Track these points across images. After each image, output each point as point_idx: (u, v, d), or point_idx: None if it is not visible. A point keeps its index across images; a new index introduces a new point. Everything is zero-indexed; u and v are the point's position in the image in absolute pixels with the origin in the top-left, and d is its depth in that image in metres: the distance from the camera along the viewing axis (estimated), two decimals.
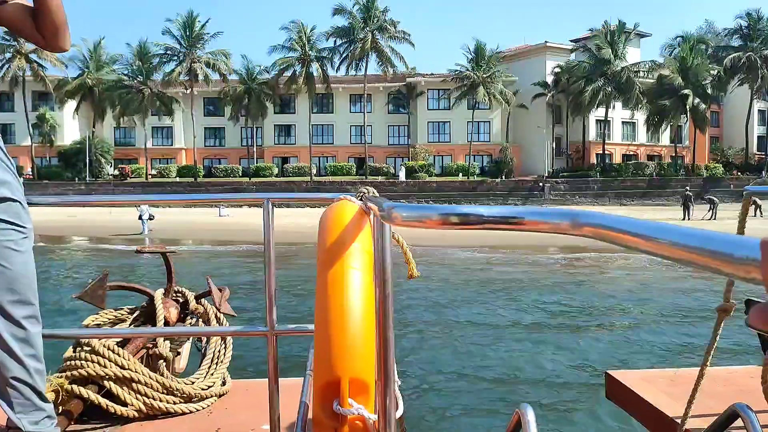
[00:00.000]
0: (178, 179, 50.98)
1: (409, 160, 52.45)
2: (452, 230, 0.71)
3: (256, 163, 53.51)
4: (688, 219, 32.09)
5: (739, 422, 1.67)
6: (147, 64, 50.79)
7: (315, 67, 50.56)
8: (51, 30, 1.76)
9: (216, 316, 2.59)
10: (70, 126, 53.47)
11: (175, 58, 50.45)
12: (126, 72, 51.56)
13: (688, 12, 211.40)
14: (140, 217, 28.02)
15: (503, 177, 49.49)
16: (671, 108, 48.70)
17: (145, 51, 50.99)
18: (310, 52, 50.36)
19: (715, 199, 32.54)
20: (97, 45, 51.74)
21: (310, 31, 50.73)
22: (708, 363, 2.13)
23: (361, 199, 1.42)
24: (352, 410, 1.09)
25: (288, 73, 50.45)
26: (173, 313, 2.54)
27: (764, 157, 54.20)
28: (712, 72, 49.73)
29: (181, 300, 2.66)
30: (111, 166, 53.54)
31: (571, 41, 58.20)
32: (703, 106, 49.14)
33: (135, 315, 2.53)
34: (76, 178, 49.53)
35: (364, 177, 48.87)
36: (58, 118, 52.15)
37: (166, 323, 2.48)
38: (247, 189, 45.18)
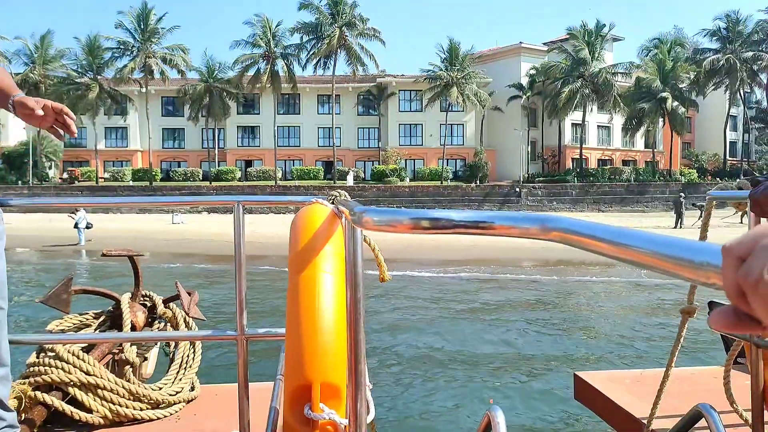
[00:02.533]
0: (132, 183, 50.06)
1: (379, 164, 52.49)
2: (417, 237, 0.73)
3: (218, 166, 52.92)
4: (681, 227, 31.34)
5: (702, 422, 1.77)
6: (98, 59, 49.75)
7: (281, 65, 50.32)
8: None
9: (185, 320, 2.64)
10: (14, 125, 52.12)
11: (129, 53, 49.51)
12: (75, 67, 50.44)
13: (657, 18, 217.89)
14: (76, 226, 26.38)
15: (477, 182, 49.96)
16: (649, 111, 49.79)
17: (95, 45, 49.88)
18: (276, 48, 50.09)
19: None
20: (43, 38, 50.42)
21: (276, 26, 50.43)
22: (673, 363, 2.26)
23: (333, 203, 1.49)
24: (323, 415, 1.14)
25: (252, 71, 50.05)
26: (140, 317, 2.60)
27: (737, 163, 55.72)
28: (690, 75, 51.07)
29: (148, 304, 2.70)
30: (52, 167, 51.96)
31: (544, 44, 59.10)
32: (682, 109, 50.39)
33: (101, 320, 2.57)
34: (20, 182, 48.27)
35: (332, 181, 48.78)
36: (1, 117, 50.66)
37: (133, 328, 2.53)
38: (207, 194, 44.65)
